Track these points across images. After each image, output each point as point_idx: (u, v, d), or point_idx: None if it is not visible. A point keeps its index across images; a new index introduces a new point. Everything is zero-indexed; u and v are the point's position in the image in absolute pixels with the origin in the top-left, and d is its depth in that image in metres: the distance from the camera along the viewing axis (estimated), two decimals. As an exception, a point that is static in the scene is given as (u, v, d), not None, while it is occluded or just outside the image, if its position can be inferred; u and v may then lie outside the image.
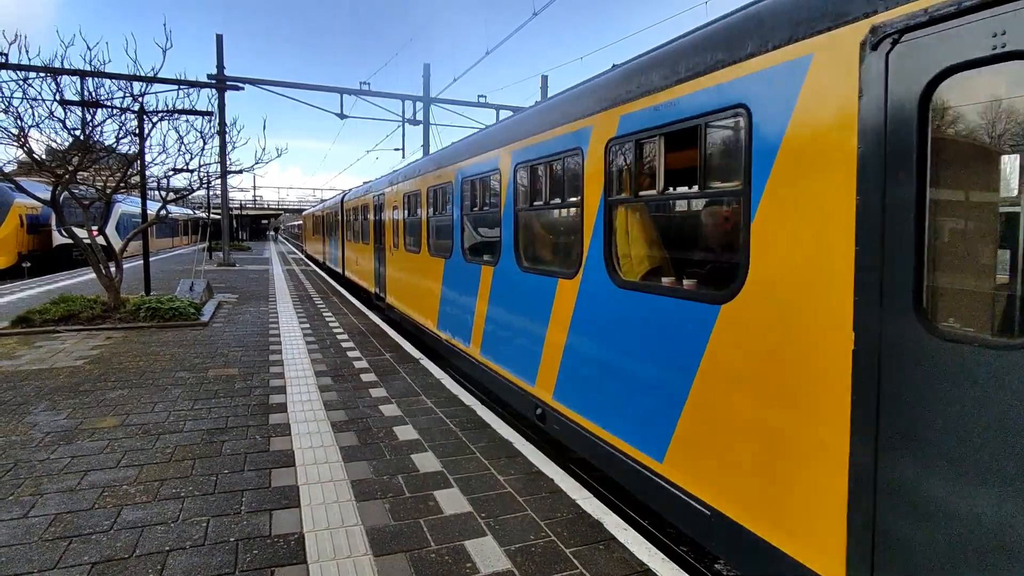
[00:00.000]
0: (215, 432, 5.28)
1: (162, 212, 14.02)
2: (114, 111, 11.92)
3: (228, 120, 19.95)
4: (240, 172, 20.90)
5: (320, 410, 5.97)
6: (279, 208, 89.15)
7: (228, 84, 23.94)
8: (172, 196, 15.67)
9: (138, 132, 12.32)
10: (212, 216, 38.65)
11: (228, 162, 17.59)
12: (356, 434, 5.30)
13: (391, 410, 6.03)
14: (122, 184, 12.99)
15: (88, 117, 11.54)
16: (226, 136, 16.66)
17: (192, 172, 14.10)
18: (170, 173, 14.68)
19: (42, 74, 11.21)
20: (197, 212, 55.94)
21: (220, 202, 28.18)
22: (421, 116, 28.64)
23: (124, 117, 12.09)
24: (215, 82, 23.45)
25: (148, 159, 13.06)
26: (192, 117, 13.11)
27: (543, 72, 34.24)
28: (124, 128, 12.14)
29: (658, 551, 3.47)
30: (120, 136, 12.25)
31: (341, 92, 25.88)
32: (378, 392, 6.68)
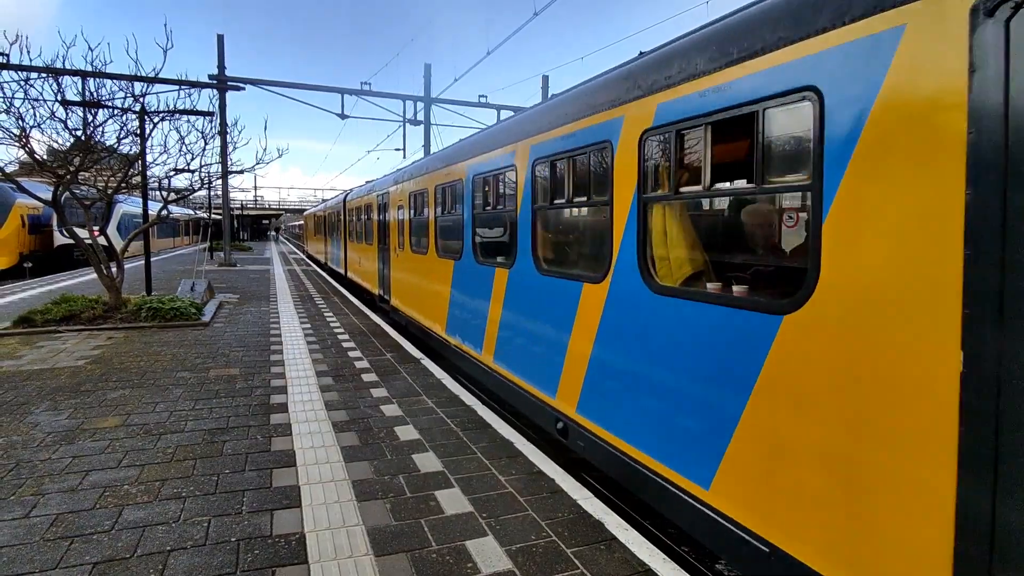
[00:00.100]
0: (216, 432, 5.28)
1: (163, 212, 14.03)
2: (115, 111, 11.93)
3: (229, 120, 20.00)
4: (241, 172, 20.95)
5: (321, 410, 5.97)
6: (280, 208, 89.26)
7: (229, 84, 23.96)
8: (173, 196, 15.67)
9: (139, 132, 12.34)
10: (213, 216, 38.68)
11: (229, 162, 17.62)
12: (357, 434, 5.30)
13: (392, 410, 6.03)
14: (123, 184, 13.00)
15: (89, 117, 11.56)
16: (227, 136, 16.68)
17: (193, 172, 14.12)
18: (171, 173, 14.69)
19: (43, 74, 11.23)
20: (198, 212, 55.99)
21: (221, 202, 28.19)
22: (422, 116, 28.65)
23: (125, 117, 12.11)
24: (216, 82, 23.46)
25: (149, 159, 13.09)
26: (193, 117, 13.13)
27: (544, 72, 34.31)
28: (125, 128, 12.16)
29: (659, 551, 3.46)
30: (121, 136, 12.27)
31: (342, 92, 25.88)
32: (379, 392, 6.68)
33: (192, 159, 13.43)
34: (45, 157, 11.75)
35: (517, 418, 6.58)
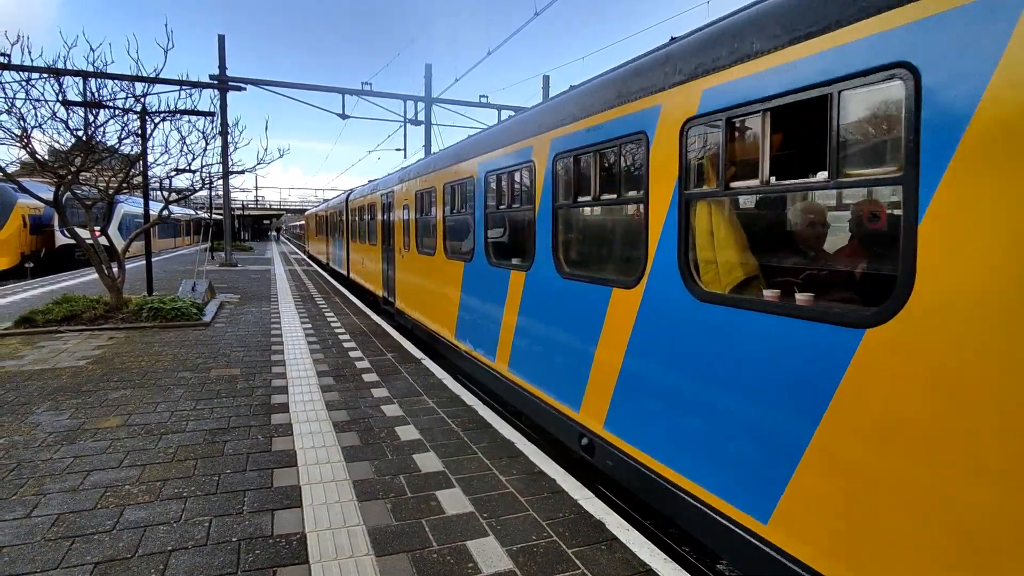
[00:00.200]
0: (217, 432, 5.28)
1: (164, 212, 14.04)
2: (116, 112, 11.95)
3: (230, 120, 20.01)
4: (242, 172, 20.97)
5: (322, 410, 5.97)
6: (281, 208, 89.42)
7: (230, 84, 23.98)
8: (174, 196, 15.67)
9: (140, 132, 12.36)
10: (214, 216, 38.72)
11: (230, 162, 17.62)
12: (358, 434, 5.30)
13: (393, 410, 6.03)
14: (124, 185, 13.02)
15: (91, 118, 11.58)
16: (228, 136, 16.68)
17: (194, 172, 14.14)
18: (172, 173, 14.72)
19: (45, 75, 11.25)
20: (199, 212, 56.04)
21: (222, 202, 28.22)
22: (423, 116, 28.67)
23: (126, 118, 12.12)
24: (217, 82, 23.47)
25: (150, 159, 13.09)
26: (194, 118, 13.15)
27: (545, 72, 34.35)
28: (126, 129, 12.17)
29: (660, 551, 3.46)
30: (122, 137, 12.28)
31: (343, 92, 25.91)
32: (380, 392, 6.69)
33: (193, 159, 13.46)
34: (46, 157, 11.77)
35: (542, 436, 6.15)
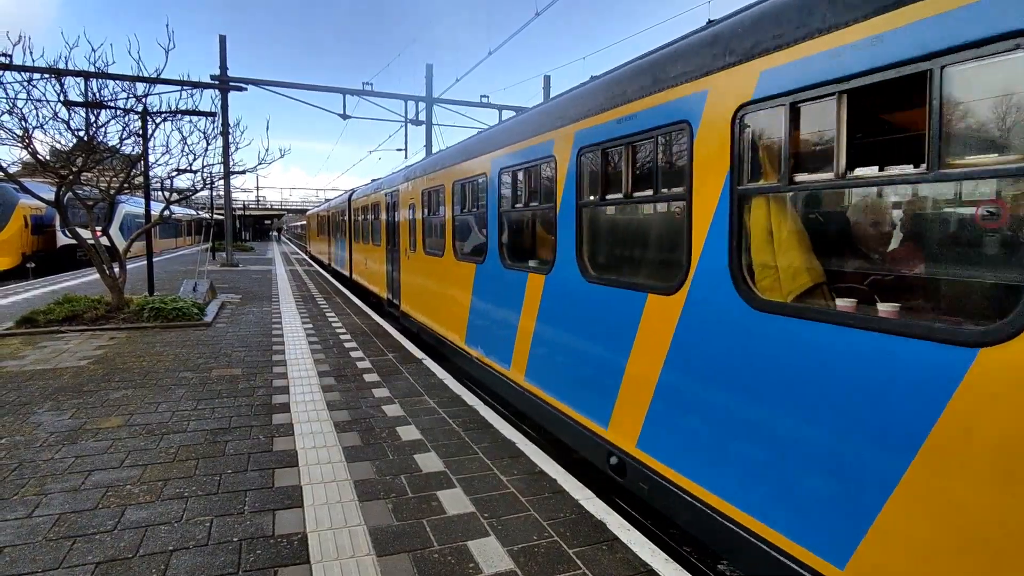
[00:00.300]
0: (218, 432, 5.29)
1: (165, 213, 14.05)
2: (118, 112, 11.96)
3: (231, 121, 19.99)
4: (243, 173, 20.95)
5: (323, 410, 5.97)
6: (282, 208, 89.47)
7: (231, 85, 24.00)
8: (175, 197, 15.69)
9: (141, 133, 12.37)
10: (215, 216, 38.76)
11: (231, 163, 17.62)
12: (359, 434, 5.30)
13: (394, 410, 6.03)
14: (126, 185, 13.04)
15: (92, 118, 11.59)
16: (229, 137, 16.69)
17: (195, 173, 14.14)
18: (173, 174, 14.72)
19: (46, 75, 11.26)
20: (200, 212, 56.09)
21: (223, 202, 28.24)
22: (424, 116, 28.68)
23: (128, 118, 12.14)
24: (218, 83, 23.49)
25: (151, 160, 13.10)
26: (195, 118, 13.16)
27: (546, 72, 34.34)
28: (128, 129, 12.19)
29: (661, 551, 3.46)
30: (124, 137, 12.30)
31: (344, 92, 25.92)
32: (381, 392, 6.69)
33: (194, 159, 13.46)
34: (48, 158, 11.78)
35: (565, 454, 5.52)
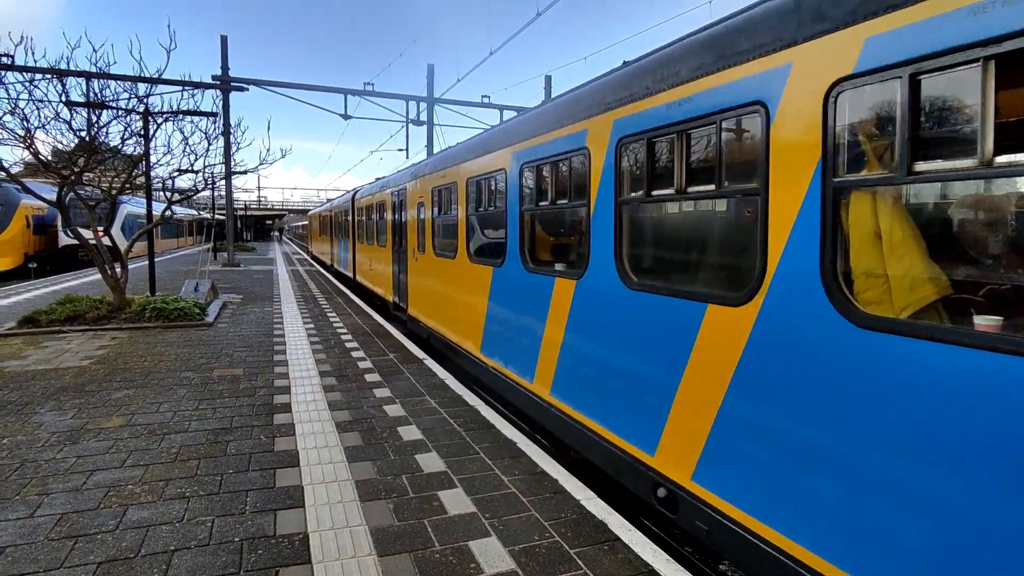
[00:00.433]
0: (220, 432, 5.29)
1: (167, 213, 14.07)
2: (119, 112, 11.98)
3: (232, 121, 20.00)
4: (245, 173, 20.99)
5: (324, 410, 5.98)
6: (283, 209, 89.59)
7: (232, 85, 24.02)
8: (177, 197, 15.71)
9: (143, 133, 12.39)
10: (217, 217, 38.80)
11: (233, 163, 17.64)
12: (360, 434, 5.30)
13: (395, 410, 6.03)
14: (127, 185, 13.05)
15: (94, 118, 11.61)
16: (230, 137, 16.71)
17: (197, 173, 14.15)
18: (175, 174, 14.73)
19: (48, 75, 11.28)
20: (202, 213, 56.16)
21: (225, 203, 28.26)
22: (425, 116, 28.69)
23: (129, 118, 12.17)
24: (219, 83, 23.52)
25: (153, 160, 13.11)
26: (197, 118, 13.17)
27: (547, 72, 34.30)
28: (129, 129, 12.22)
29: (662, 551, 3.46)
30: (125, 137, 12.33)
31: (345, 93, 25.94)
32: (382, 392, 6.69)
33: (196, 160, 13.47)
34: (50, 158, 11.81)
35: (594, 476, 4.94)
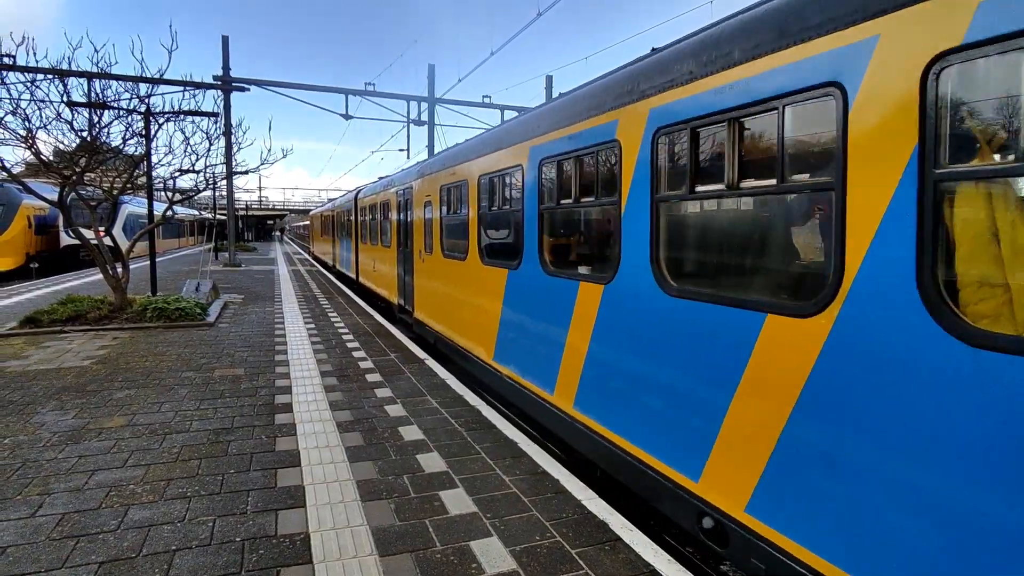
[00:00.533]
0: (221, 432, 5.29)
1: (168, 213, 14.08)
2: (121, 112, 12.00)
3: (234, 121, 20.00)
4: (246, 173, 21.00)
5: (326, 410, 5.98)
6: (284, 209, 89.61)
7: (233, 85, 24.04)
8: (178, 197, 15.72)
9: (144, 133, 12.40)
10: (218, 217, 38.84)
11: (234, 163, 17.67)
12: (361, 434, 5.30)
13: (396, 410, 6.03)
14: (128, 185, 13.07)
15: (95, 118, 11.62)
16: (232, 137, 16.72)
17: (198, 173, 14.16)
18: (176, 174, 14.75)
19: (50, 76, 11.29)
20: (203, 213, 56.21)
21: (226, 203, 28.28)
22: (426, 117, 28.69)
23: (130, 118, 12.19)
24: (220, 83, 23.53)
25: (154, 160, 13.12)
26: (198, 118, 13.19)
27: (547, 72, 34.26)
28: (131, 129, 12.24)
29: (663, 551, 3.45)
30: (127, 137, 12.35)
31: (346, 93, 25.95)
32: (383, 392, 6.69)
33: (197, 160, 13.48)
34: (51, 158, 11.83)
35: (622, 497, 4.73)
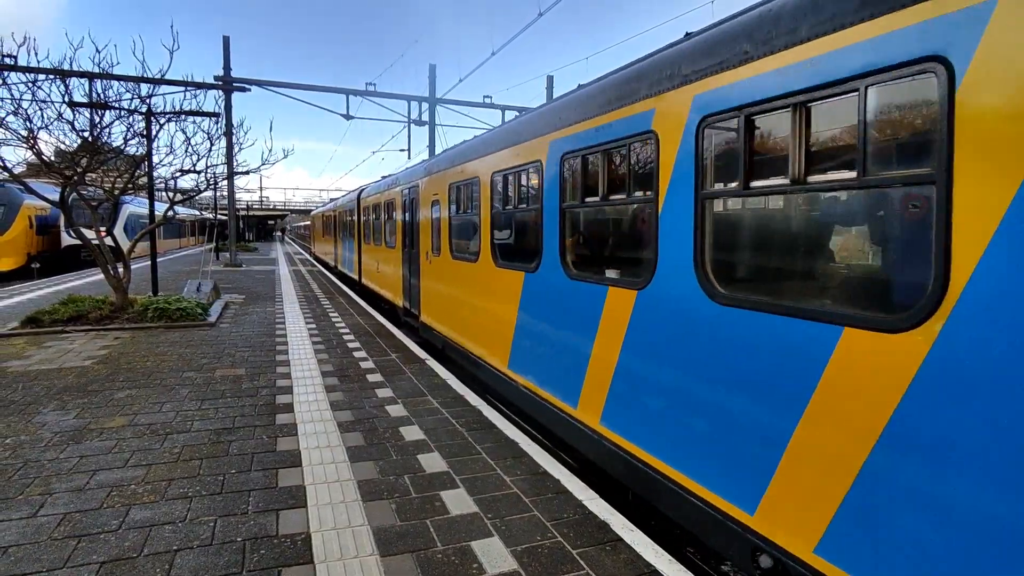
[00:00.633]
0: (222, 432, 5.30)
1: (169, 213, 14.10)
2: (122, 112, 12.02)
3: (235, 121, 20.01)
4: (247, 173, 21.03)
5: (327, 410, 5.98)
6: (285, 209, 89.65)
7: (234, 85, 24.04)
8: (179, 197, 15.74)
9: (145, 133, 12.41)
10: (219, 217, 38.87)
11: (235, 163, 17.68)
12: (362, 434, 5.30)
13: (397, 410, 6.03)
14: (130, 185, 13.08)
15: (96, 119, 11.64)
16: (232, 137, 16.74)
17: (199, 173, 14.18)
18: (177, 174, 14.77)
19: (51, 76, 11.31)
20: (204, 213, 56.25)
21: (227, 203, 28.29)
22: (427, 117, 28.67)
23: (132, 119, 12.21)
24: (221, 83, 23.53)
25: (155, 160, 13.14)
26: (199, 118, 13.20)
27: (548, 72, 34.22)
28: (132, 129, 12.27)
29: (664, 552, 3.45)
30: (128, 137, 12.37)
31: (347, 93, 25.94)
32: (384, 392, 6.69)
33: (198, 160, 13.49)
34: (52, 158, 11.84)
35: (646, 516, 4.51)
